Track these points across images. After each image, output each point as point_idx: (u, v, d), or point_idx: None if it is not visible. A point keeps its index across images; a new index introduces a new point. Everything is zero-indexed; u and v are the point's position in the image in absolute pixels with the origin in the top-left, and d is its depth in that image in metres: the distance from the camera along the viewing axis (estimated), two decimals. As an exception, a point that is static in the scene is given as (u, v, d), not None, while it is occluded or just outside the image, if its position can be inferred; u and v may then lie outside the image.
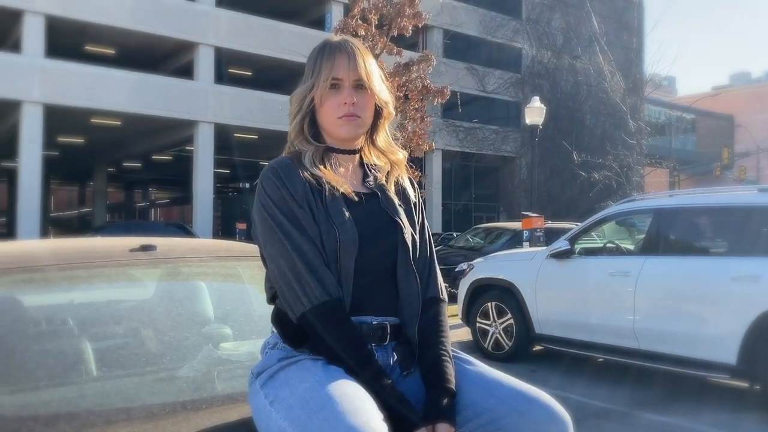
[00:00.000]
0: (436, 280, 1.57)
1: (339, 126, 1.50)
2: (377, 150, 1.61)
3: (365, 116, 1.52)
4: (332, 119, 1.50)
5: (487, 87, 28.74)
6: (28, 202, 18.33)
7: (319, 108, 1.51)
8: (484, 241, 14.31)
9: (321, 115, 1.51)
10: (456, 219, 29.01)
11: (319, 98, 1.50)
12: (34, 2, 18.26)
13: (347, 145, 1.55)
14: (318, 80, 1.49)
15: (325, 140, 1.54)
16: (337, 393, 1.21)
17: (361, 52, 1.52)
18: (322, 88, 1.48)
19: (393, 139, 1.65)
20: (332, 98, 1.49)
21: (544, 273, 6.36)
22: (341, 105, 1.48)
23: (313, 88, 1.50)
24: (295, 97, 1.55)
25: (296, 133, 1.54)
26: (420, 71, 9.91)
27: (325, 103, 1.49)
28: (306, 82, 1.53)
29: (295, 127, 1.54)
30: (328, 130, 1.52)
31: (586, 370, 6.19)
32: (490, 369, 1.47)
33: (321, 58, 1.51)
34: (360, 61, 1.49)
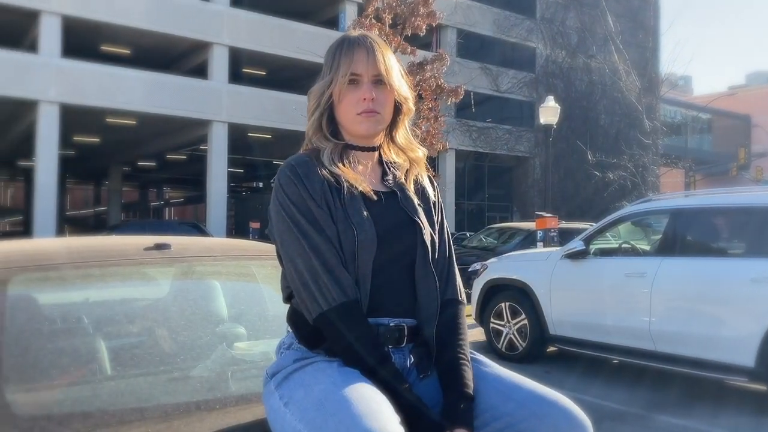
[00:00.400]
0: (455, 282, 1.54)
1: (358, 122, 1.47)
2: (396, 147, 1.58)
3: (385, 112, 1.49)
4: (351, 116, 1.47)
5: (501, 87, 28.61)
6: (44, 201, 18.49)
7: (338, 104, 1.48)
8: (497, 241, 14.25)
9: (339, 111, 1.49)
10: (469, 219, 28.93)
11: (337, 94, 1.47)
12: (50, 2, 18.41)
13: (366, 142, 1.52)
14: (336, 76, 1.46)
15: (344, 137, 1.51)
16: (353, 395, 1.19)
17: (381, 47, 1.49)
18: (341, 83, 1.45)
19: (412, 136, 1.62)
20: (351, 94, 1.46)
21: (559, 273, 6.31)
22: (360, 101, 1.46)
23: (331, 83, 1.47)
24: (313, 93, 1.51)
25: (314, 129, 1.51)
26: (434, 70, 9.87)
27: (344, 99, 1.47)
28: (324, 77, 1.50)
29: (313, 124, 1.51)
30: (347, 126, 1.49)
31: (602, 371, 6.13)
32: (508, 372, 1.45)
33: (339, 53, 1.48)
34: (379, 55, 1.47)
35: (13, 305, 1.78)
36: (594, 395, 5.40)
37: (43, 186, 18.46)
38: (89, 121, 20.96)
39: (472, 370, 1.42)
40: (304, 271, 1.35)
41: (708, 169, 39.36)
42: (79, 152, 26.38)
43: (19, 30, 19.37)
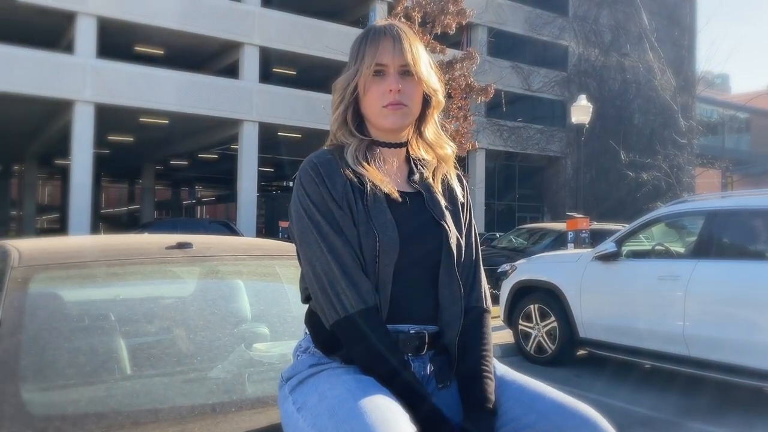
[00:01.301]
0: (481, 288, 1.47)
1: (384, 116, 1.40)
2: (425, 143, 1.50)
3: (412, 105, 1.42)
4: (377, 108, 1.40)
5: (532, 85, 28.31)
6: (79, 198, 18.84)
7: (363, 96, 1.41)
8: (527, 242, 14.09)
9: (365, 103, 1.42)
10: (499, 219, 28.70)
11: (362, 85, 1.40)
12: (86, 4, 18.75)
13: (393, 138, 1.45)
14: (361, 66, 1.39)
15: (370, 132, 1.45)
16: (367, 404, 1.14)
17: (408, 37, 1.41)
18: (366, 74, 1.39)
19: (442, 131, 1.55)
20: (376, 85, 1.39)
21: (590, 275, 6.20)
22: (386, 92, 1.39)
23: (356, 75, 1.40)
24: (337, 86, 1.45)
25: (339, 124, 1.44)
26: (463, 69, 9.78)
27: (369, 90, 1.40)
28: (349, 69, 1.43)
29: (337, 118, 1.44)
30: (373, 120, 1.43)
31: (632, 376, 6.00)
32: (531, 381, 1.39)
33: (365, 43, 1.41)
34: (406, 45, 1.39)
35: (33, 303, 1.78)
36: (623, 400, 5.29)
37: (78, 184, 18.81)
38: (123, 120, 21.30)
39: (494, 382, 1.36)
40: (322, 275, 1.30)
41: (746, 169, 38.40)
42: (113, 151, 26.84)
43: (57, 31, 19.78)
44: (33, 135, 23.87)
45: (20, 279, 1.84)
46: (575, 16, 29.68)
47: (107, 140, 23.88)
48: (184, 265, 2.15)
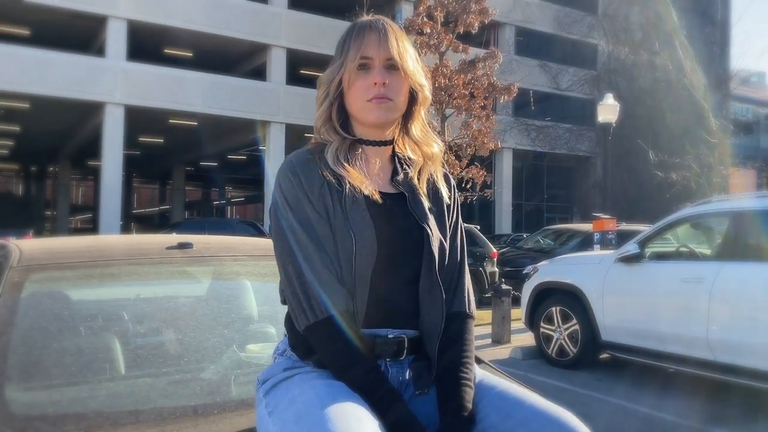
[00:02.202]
0: (464, 293, 1.43)
1: (368, 110, 1.36)
2: (412, 141, 1.46)
3: (398, 100, 1.38)
4: (361, 102, 1.36)
5: (561, 84, 27.99)
6: (109, 199, 19.17)
7: (348, 91, 1.37)
8: (554, 243, 13.93)
9: (349, 98, 1.37)
10: (527, 220, 28.43)
11: (347, 79, 1.36)
12: (117, 8, 19.08)
13: (378, 136, 1.41)
14: (346, 60, 1.36)
15: (354, 130, 1.41)
16: (334, 411, 1.11)
17: (394, 30, 1.38)
18: (350, 68, 1.35)
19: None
20: (361, 79, 1.35)
21: (612, 277, 6.09)
22: (371, 86, 1.35)
23: (341, 68, 1.37)
24: (321, 81, 1.41)
25: (323, 120, 1.40)
26: (486, 68, 9.69)
27: (354, 84, 1.35)
28: (334, 63, 1.40)
29: (321, 114, 1.40)
30: (357, 115, 1.38)
31: (656, 380, 5.87)
32: (512, 387, 1.34)
33: (350, 37, 1.38)
34: (392, 39, 1.36)
35: (26, 303, 1.79)
36: (647, 405, 5.18)
37: (109, 185, 19.14)
38: (153, 122, 21.63)
39: (473, 390, 1.32)
40: (294, 278, 1.28)
41: (783, 169, 37.38)
42: (144, 152, 27.27)
43: (89, 35, 20.17)
44: (66, 136, 24.38)
45: (17, 279, 1.85)
46: (605, 14, 29.26)
47: (138, 141, 24.27)
48: (182, 266, 2.15)
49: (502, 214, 26.67)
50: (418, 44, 9.88)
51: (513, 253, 14.47)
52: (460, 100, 9.59)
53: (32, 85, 17.61)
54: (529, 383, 5.24)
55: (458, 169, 9.91)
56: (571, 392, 5.64)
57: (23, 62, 17.53)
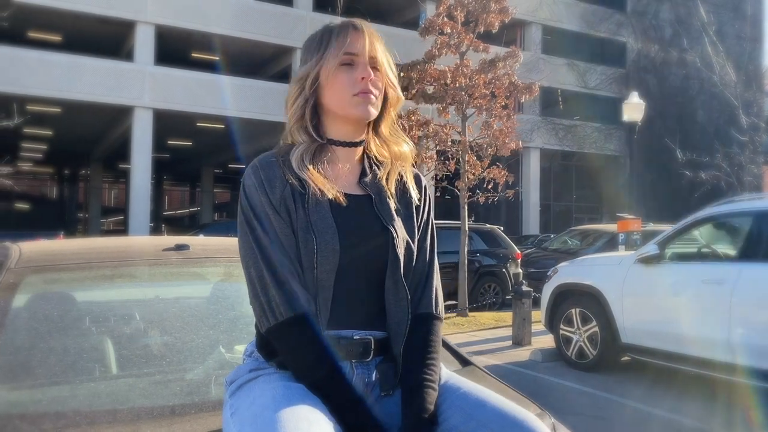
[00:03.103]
0: (431, 294, 1.42)
1: (355, 104, 1.35)
2: (382, 141, 1.45)
3: (379, 97, 1.39)
4: (346, 97, 1.35)
5: (589, 83, 27.63)
6: (139, 201, 19.50)
7: (327, 86, 1.35)
8: (580, 244, 13.77)
9: (329, 94, 1.36)
10: (555, 220, 28.13)
11: (326, 75, 1.34)
12: (145, 13, 19.41)
13: (350, 137, 1.40)
14: (326, 55, 1.35)
15: (327, 130, 1.40)
16: (286, 413, 1.11)
17: (373, 32, 1.40)
18: (332, 63, 1.34)
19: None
20: (346, 74, 1.35)
21: (631, 279, 6.00)
22: (357, 81, 1.34)
23: (317, 65, 1.35)
24: (294, 79, 1.39)
25: (296, 119, 1.38)
26: (507, 67, 9.61)
27: (337, 79, 1.34)
28: (307, 62, 1.38)
29: (294, 112, 1.38)
30: (339, 111, 1.37)
31: (677, 383, 5.75)
32: (476, 389, 1.33)
33: (330, 34, 1.38)
34: (374, 39, 1.38)
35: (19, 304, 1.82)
36: (667, 409, 5.09)
37: (138, 187, 19.47)
38: (181, 125, 21.93)
39: (436, 391, 1.31)
40: (256, 281, 1.29)
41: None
42: (173, 155, 27.66)
43: (118, 40, 20.55)
44: (97, 140, 24.87)
45: (12, 280, 1.89)
46: (634, 12, 28.81)
47: (167, 145, 24.64)
48: (176, 267, 2.17)
49: (530, 215, 26.43)
50: (438, 44, 9.84)
51: (538, 254, 14.35)
52: (481, 100, 9.52)
53: (63, 90, 18.01)
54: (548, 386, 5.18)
55: (479, 170, 9.84)
56: (590, 395, 5.57)
57: (54, 68, 17.93)
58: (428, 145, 10.18)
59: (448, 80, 9.67)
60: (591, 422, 4.87)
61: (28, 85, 17.47)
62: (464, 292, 10.07)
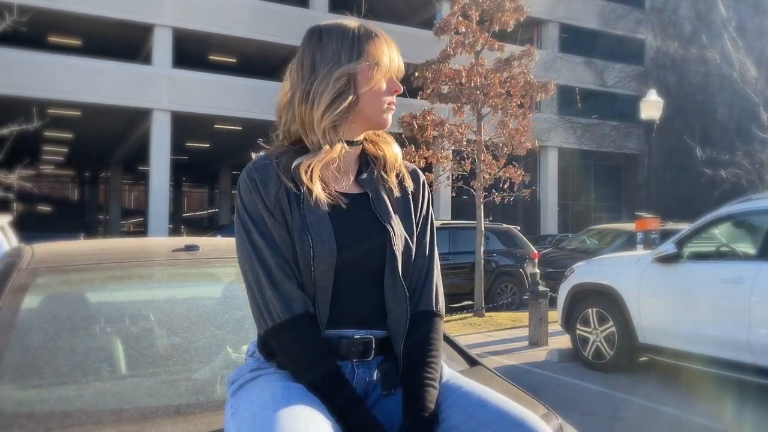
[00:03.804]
0: (431, 291, 1.41)
1: (385, 113, 1.40)
2: (377, 140, 1.47)
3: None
4: (382, 105, 1.39)
5: (607, 81, 27.40)
6: (157, 203, 19.68)
7: (367, 92, 1.36)
8: (599, 243, 13.66)
9: (367, 99, 1.36)
10: (574, 220, 27.92)
11: (374, 83, 1.36)
12: (163, 16, 19.59)
13: (354, 136, 1.41)
14: (379, 61, 1.36)
15: (343, 131, 1.38)
16: (284, 414, 1.11)
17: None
18: (385, 71, 1.37)
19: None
20: (386, 85, 1.39)
21: (649, 278, 5.93)
22: (391, 92, 1.40)
23: (359, 67, 1.35)
24: (332, 76, 1.34)
25: (336, 118, 1.34)
26: (522, 66, 9.55)
27: (380, 88, 1.37)
28: (340, 59, 1.36)
29: (335, 110, 1.33)
30: (374, 116, 1.39)
31: (696, 384, 5.67)
32: (478, 388, 1.32)
33: (376, 40, 1.39)
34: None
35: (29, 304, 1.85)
36: (686, 410, 5.02)
37: (157, 189, 19.65)
38: (199, 127, 22.10)
39: (437, 390, 1.30)
40: (252, 284, 1.30)
41: None
42: (191, 157, 27.88)
43: (136, 44, 20.76)
44: (117, 142, 25.14)
45: (23, 281, 1.91)
46: (652, 9, 28.52)
47: (185, 147, 24.84)
48: (186, 267, 2.18)
49: (548, 215, 26.27)
50: (453, 43, 9.81)
51: (556, 254, 14.26)
52: (497, 99, 9.47)
53: (83, 94, 18.24)
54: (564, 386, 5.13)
55: (495, 169, 9.79)
56: (607, 395, 5.52)
57: (74, 71, 18.16)
58: (443, 145, 10.15)
59: (463, 79, 9.64)
60: (608, 423, 4.82)
61: (49, 89, 17.72)
62: (480, 292, 10.03)
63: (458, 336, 8.44)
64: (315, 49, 1.41)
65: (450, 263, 11.20)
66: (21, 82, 17.14)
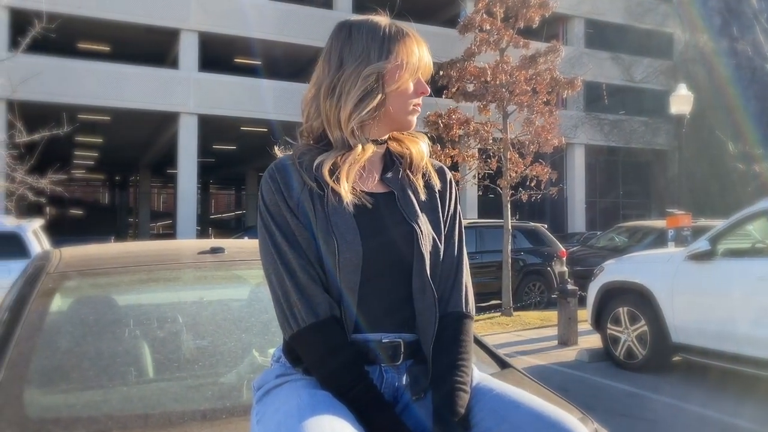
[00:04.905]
0: (461, 292, 1.36)
1: (411, 113, 1.37)
2: (402, 138, 1.43)
3: None
4: (408, 106, 1.36)
5: (635, 76, 26.97)
6: (185, 205, 19.89)
7: (396, 91, 1.33)
8: (628, 241, 13.45)
9: (394, 98, 1.33)
10: (602, 217, 27.55)
11: (403, 82, 1.33)
12: (188, 21, 19.80)
13: (380, 135, 1.38)
14: (407, 61, 1.33)
15: (369, 131, 1.36)
16: (310, 424, 1.08)
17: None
18: (413, 70, 1.34)
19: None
20: (413, 86, 1.36)
21: (682, 276, 5.80)
22: (418, 93, 1.37)
23: (387, 65, 1.31)
24: (362, 74, 1.31)
25: (365, 116, 1.31)
26: (548, 63, 9.43)
27: (408, 87, 1.35)
28: (372, 57, 1.32)
29: (365, 108, 1.30)
30: (399, 116, 1.36)
31: (732, 384, 5.54)
32: (511, 390, 1.27)
33: (407, 39, 1.35)
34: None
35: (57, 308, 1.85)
36: (723, 411, 4.90)
37: (185, 191, 19.86)
38: (226, 130, 22.28)
39: (468, 394, 1.25)
40: (276, 287, 1.26)
41: None
42: (218, 159, 28.15)
43: (163, 48, 21.01)
44: (145, 146, 25.48)
45: (50, 285, 1.92)
46: (680, 1, 27.99)
47: (212, 149, 25.07)
48: (211, 270, 2.17)
49: (575, 212, 25.97)
50: (477, 41, 9.73)
51: (584, 252, 14.07)
52: (522, 97, 9.36)
53: (112, 99, 18.51)
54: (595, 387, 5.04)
55: (522, 167, 9.69)
56: (639, 396, 5.41)
57: (103, 77, 18.44)
58: (469, 144, 10.07)
59: (488, 77, 9.55)
60: (640, 425, 4.73)
61: (79, 95, 18.02)
62: (508, 291, 9.94)
63: (486, 335, 8.37)
64: (344, 44, 1.37)
65: (477, 262, 11.13)
66: (51, 89, 17.45)
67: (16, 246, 8.28)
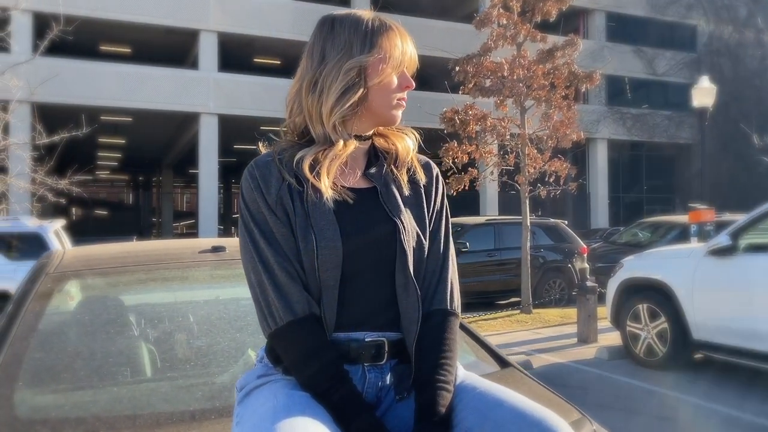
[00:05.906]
0: (446, 289, 1.32)
1: (395, 108, 1.33)
2: (387, 133, 1.40)
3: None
4: (392, 101, 1.32)
5: (658, 70, 26.57)
6: (207, 204, 20.05)
7: (378, 85, 1.29)
8: (651, 236, 13.26)
9: (376, 93, 1.30)
10: (626, 213, 27.21)
11: (384, 76, 1.29)
12: (208, 22, 19.94)
13: (364, 131, 1.35)
14: (390, 54, 1.29)
15: (351, 126, 1.33)
16: (284, 425, 1.05)
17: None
18: (396, 64, 1.30)
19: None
20: (397, 79, 1.32)
21: (702, 272, 5.68)
22: (402, 87, 1.33)
23: (369, 59, 1.28)
24: (343, 68, 1.28)
25: (346, 112, 1.28)
26: (566, 56, 9.30)
27: (391, 82, 1.31)
28: (354, 51, 1.29)
29: (345, 104, 1.27)
30: (381, 111, 1.32)
31: (756, 383, 5.41)
32: (494, 388, 1.23)
33: (389, 32, 1.32)
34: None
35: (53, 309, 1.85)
36: (746, 410, 4.79)
37: (206, 191, 20.02)
38: (246, 129, 22.33)
39: (451, 393, 1.22)
40: (255, 285, 1.24)
41: None
42: (239, 159, 28.29)
43: (183, 49, 21.19)
44: (167, 147, 25.73)
45: (50, 285, 1.92)
46: (704, -8, 27.53)
47: (233, 149, 25.23)
48: (212, 269, 2.16)
49: (598, 208, 25.68)
50: (494, 36, 9.63)
51: (606, 248, 13.89)
52: (540, 91, 9.25)
53: (133, 100, 18.72)
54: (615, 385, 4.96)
55: (540, 163, 9.58)
56: (660, 394, 5.32)
57: (125, 79, 18.66)
58: (486, 140, 9.99)
59: (505, 72, 9.45)
60: (660, 424, 4.64)
61: (101, 96, 18.25)
62: (527, 288, 9.84)
63: (505, 333, 8.30)
64: (326, 38, 1.35)
65: (496, 259, 11.04)
66: (73, 91, 17.69)
67: (37, 246, 8.43)
